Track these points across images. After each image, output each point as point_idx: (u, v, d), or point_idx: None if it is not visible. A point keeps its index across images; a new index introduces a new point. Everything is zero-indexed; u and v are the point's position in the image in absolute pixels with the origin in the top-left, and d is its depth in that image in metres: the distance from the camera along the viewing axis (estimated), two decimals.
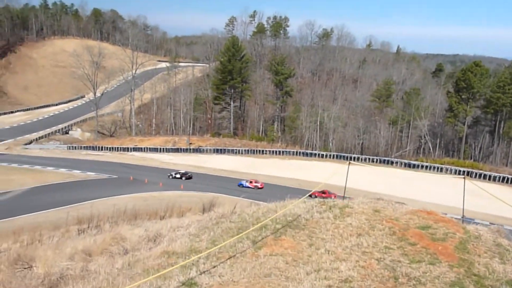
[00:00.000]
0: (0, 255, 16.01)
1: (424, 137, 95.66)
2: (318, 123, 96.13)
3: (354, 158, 76.20)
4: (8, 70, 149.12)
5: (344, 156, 77.41)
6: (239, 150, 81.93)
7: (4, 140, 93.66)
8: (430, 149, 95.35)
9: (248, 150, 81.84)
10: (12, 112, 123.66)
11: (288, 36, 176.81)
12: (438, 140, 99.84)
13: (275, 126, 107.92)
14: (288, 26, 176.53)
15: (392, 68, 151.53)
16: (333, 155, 78.54)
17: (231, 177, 63.28)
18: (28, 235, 24.51)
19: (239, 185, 57.90)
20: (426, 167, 70.39)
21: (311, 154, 79.59)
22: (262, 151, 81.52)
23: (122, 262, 7.22)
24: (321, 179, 58.23)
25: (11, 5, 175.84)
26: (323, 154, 78.84)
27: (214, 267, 6.90)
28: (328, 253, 7.69)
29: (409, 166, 72.02)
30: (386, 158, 77.67)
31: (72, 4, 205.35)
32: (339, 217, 9.23)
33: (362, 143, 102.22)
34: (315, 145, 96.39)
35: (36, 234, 24.19)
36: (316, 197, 55.89)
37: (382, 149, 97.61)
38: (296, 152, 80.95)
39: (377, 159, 76.29)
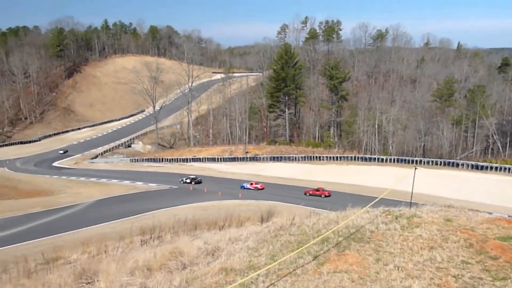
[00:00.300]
0: (69, 267, 16.65)
1: (492, 136, 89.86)
2: (376, 126, 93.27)
3: (416, 161, 73.07)
4: (75, 89, 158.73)
5: (405, 160, 74.46)
6: (295, 157, 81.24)
7: (73, 156, 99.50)
8: (499, 149, 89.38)
9: (304, 157, 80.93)
10: (79, 129, 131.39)
11: (341, 39, 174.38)
12: (508, 139, 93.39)
13: (331, 131, 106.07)
14: (340, 30, 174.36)
15: (453, 65, 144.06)
16: (394, 159, 75.71)
17: (289, 185, 62.73)
18: (95, 246, 25.45)
19: (241, 187, 60.41)
20: (496, 168, 65.82)
21: (370, 158, 77.25)
22: (319, 157, 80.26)
23: (180, 280, 7.03)
24: (382, 184, 56.48)
25: (76, 28, 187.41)
26: (382, 159, 76.22)
27: (274, 285, 6.50)
28: (398, 269, 6.96)
29: (476, 168, 67.63)
30: (451, 160, 73.60)
31: (131, 23, 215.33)
32: (407, 228, 8.49)
33: (424, 146, 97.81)
34: (374, 149, 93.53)
35: (102, 245, 25.05)
36: (310, 194, 55.09)
37: (445, 151, 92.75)
38: (354, 157, 78.89)
39: (441, 162, 72.50)
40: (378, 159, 76.31)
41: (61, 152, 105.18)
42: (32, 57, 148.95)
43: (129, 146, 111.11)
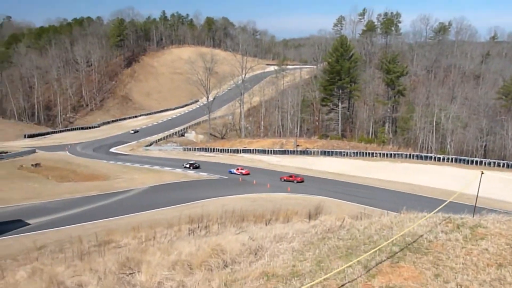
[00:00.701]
0: (118, 251, 16.98)
1: None
2: (434, 123, 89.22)
3: (477, 162, 69.17)
4: (133, 78, 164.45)
5: (464, 160, 70.65)
6: (347, 153, 79.43)
7: (129, 142, 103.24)
8: None
9: (357, 153, 78.93)
10: (136, 117, 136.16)
11: (400, 32, 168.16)
12: None
13: (386, 127, 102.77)
14: (400, 22, 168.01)
15: None
16: (452, 159, 72.03)
17: (339, 180, 61.44)
18: (145, 232, 26.01)
19: (229, 172, 66.68)
20: None
21: (426, 157, 73.93)
22: (372, 153, 77.97)
23: (219, 281, 6.69)
24: (439, 185, 53.95)
25: (135, 19, 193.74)
26: (440, 158, 72.69)
27: None
28: None
29: None
30: None
31: (187, 14, 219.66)
32: (470, 240, 7.63)
33: (486, 146, 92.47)
34: (431, 148, 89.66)
35: (152, 231, 25.51)
36: (285, 180, 58.89)
37: (510, 152, 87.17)
38: (410, 155, 75.85)
39: (505, 164, 68.03)
40: (435, 158, 72.89)
41: (132, 132, 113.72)
42: (94, 46, 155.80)
43: (183, 135, 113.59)
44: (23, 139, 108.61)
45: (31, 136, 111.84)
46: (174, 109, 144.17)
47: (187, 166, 71.43)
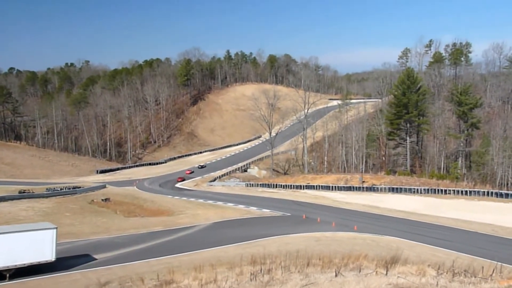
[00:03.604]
0: None
1: None
2: None
3: None
4: (198, 115, 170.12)
5: None
6: (417, 189, 74.97)
7: (194, 178, 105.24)
8: None
9: (427, 190, 74.24)
10: (200, 153, 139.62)
11: (471, 62, 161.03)
12: None
13: (459, 162, 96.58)
14: (470, 52, 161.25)
15: None
16: None
17: (410, 219, 57.57)
18: (206, 273, 25.25)
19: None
20: None
21: (507, 194, 67.78)
22: (445, 190, 72.93)
23: None
24: None
25: (201, 59, 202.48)
26: None
27: None
28: None
29: None
30: None
31: (251, 53, 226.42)
32: None
33: None
34: (511, 184, 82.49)
35: (213, 272, 24.69)
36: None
37: None
38: (487, 192, 70.02)
39: None
40: None
41: (199, 167, 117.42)
42: (163, 86, 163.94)
43: (245, 171, 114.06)
44: (95, 175, 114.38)
45: (103, 171, 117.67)
46: (237, 144, 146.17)
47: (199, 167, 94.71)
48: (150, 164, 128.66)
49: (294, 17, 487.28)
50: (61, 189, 78.99)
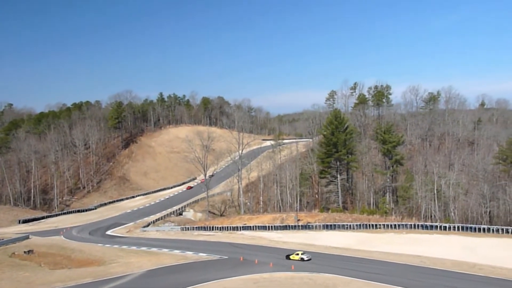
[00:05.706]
0: None
1: None
2: (435, 191, 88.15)
3: (484, 229, 67.10)
4: (130, 158, 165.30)
5: (470, 228, 68.61)
6: (350, 225, 77.37)
7: (126, 224, 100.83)
8: None
9: (360, 225, 76.87)
10: (133, 197, 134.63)
11: (391, 103, 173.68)
12: None
13: (387, 197, 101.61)
14: (390, 94, 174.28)
15: None
16: (457, 227, 70.02)
17: (345, 255, 58.96)
18: None
19: None
20: None
21: (431, 226, 71.90)
22: (375, 225, 75.93)
23: None
24: (448, 255, 51.89)
25: (133, 101, 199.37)
26: (445, 226, 70.67)
27: None
28: None
29: None
30: None
31: (184, 95, 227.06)
32: None
33: (490, 212, 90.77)
34: (434, 216, 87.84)
35: None
36: None
37: None
38: (414, 225, 73.88)
39: None
40: (440, 227, 70.87)
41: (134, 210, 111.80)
42: (93, 129, 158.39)
43: (181, 214, 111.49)
44: (17, 225, 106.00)
45: (26, 221, 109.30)
46: (172, 187, 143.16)
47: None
48: (78, 211, 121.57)
49: (226, 60, 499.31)
50: None
